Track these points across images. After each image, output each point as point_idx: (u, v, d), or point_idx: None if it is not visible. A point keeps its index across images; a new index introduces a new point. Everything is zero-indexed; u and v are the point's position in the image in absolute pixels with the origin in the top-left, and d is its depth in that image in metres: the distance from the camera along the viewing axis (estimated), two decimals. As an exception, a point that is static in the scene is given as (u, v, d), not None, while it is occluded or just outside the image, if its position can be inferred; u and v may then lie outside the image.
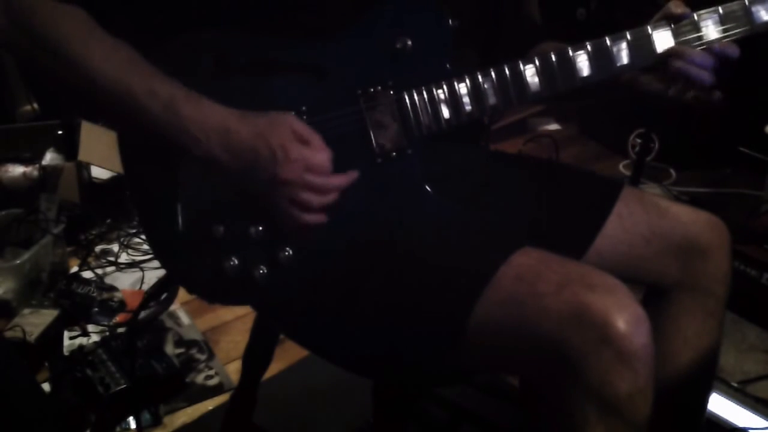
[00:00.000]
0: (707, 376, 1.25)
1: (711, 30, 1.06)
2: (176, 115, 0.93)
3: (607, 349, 0.82)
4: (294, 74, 1.01)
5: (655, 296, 1.19)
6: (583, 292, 0.85)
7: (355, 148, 1.02)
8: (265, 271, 1.00)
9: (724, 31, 1.06)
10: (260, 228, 1.00)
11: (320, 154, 0.97)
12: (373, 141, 1.03)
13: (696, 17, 1.06)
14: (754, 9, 1.05)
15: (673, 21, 1.06)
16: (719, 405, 1.64)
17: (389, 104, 1.03)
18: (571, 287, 0.86)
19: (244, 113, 0.96)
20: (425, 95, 1.04)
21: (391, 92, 1.03)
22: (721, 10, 1.05)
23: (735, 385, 1.75)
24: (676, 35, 1.06)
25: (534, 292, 0.87)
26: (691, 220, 1.17)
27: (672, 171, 3.03)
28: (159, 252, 1.05)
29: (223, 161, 0.94)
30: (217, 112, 0.95)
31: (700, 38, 1.06)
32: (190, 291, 1.05)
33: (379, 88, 1.03)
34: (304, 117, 1.01)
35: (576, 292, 0.85)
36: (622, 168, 3.11)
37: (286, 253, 1.00)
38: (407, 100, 1.04)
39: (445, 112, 1.04)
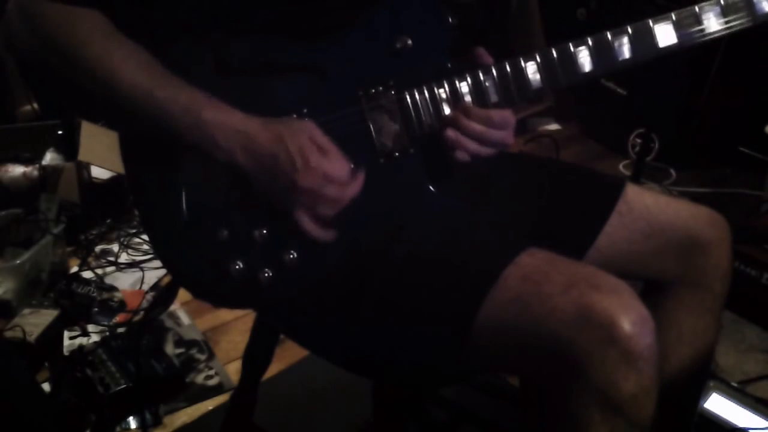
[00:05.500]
0: (700, 373, 1.24)
1: (713, 22, 1.05)
2: (197, 119, 0.92)
3: (613, 349, 0.82)
4: (295, 75, 1.01)
5: (653, 291, 1.19)
6: (589, 293, 0.85)
7: (358, 149, 1.02)
8: (271, 273, 0.99)
9: (726, 23, 1.05)
10: (264, 231, 0.99)
11: (339, 165, 0.97)
12: (376, 141, 1.03)
13: (697, 9, 1.05)
14: (756, 0, 1.04)
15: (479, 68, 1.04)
16: (719, 405, 1.63)
17: (391, 104, 1.03)
18: (577, 288, 0.86)
19: (265, 120, 0.95)
20: (426, 94, 1.04)
21: (393, 92, 1.03)
22: (722, 2, 1.04)
23: (735, 385, 1.75)
24: (677, 28, 1.04)
25: (541, 292, 0.88)
26: (691, 216, 1.16)
27: (672, 171, 3.03)
28: (163, 256, 1.04)
29: (244, 166, 0.95)
30: (238, 117, 0.95)
31: (701, 31, 1.05)
32: (196, 296, 1.05)
33: (381, 88, 1.03)
34: (306, 119, 1.00)
35: (582, 292, 0.85)
36: (622, 168, 3.10)
37: (291, 256, 1.00)
38: (409, 100, 1.03)
39: (447, 111, 1.04)
